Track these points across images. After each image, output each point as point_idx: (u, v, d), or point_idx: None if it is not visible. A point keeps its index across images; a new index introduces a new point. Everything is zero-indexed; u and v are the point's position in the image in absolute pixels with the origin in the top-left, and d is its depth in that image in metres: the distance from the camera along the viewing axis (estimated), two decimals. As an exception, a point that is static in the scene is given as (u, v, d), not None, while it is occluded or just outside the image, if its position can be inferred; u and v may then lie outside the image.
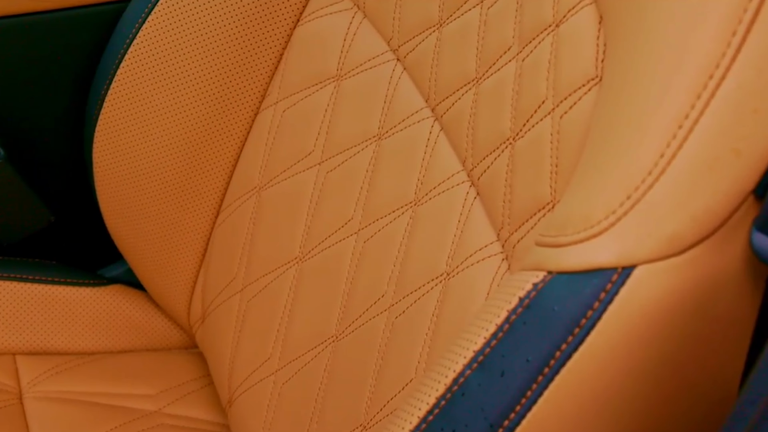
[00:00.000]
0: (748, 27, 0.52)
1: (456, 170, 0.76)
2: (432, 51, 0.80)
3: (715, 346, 0.56)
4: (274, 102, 0.93)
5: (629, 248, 0.53)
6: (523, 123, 0.69)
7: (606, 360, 0.54)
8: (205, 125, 0.94)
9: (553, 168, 0.65)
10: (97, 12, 0.98)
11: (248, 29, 0.92)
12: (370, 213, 0.82)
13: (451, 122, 0.77)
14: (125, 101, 0.95)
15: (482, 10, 0.75)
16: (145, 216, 0.98)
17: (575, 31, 0.65)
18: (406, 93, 0.82)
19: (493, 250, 0.71)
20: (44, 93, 1.01)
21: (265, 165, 0.92)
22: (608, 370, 0.54)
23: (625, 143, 0.55)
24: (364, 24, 0.87)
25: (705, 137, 0.52)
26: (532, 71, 0.69)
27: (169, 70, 0.93)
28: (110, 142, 0.96)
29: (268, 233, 0.91)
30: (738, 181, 0.52)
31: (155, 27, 0.93)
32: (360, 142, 0.85)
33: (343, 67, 0.88)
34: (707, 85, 0.52)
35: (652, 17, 0.56)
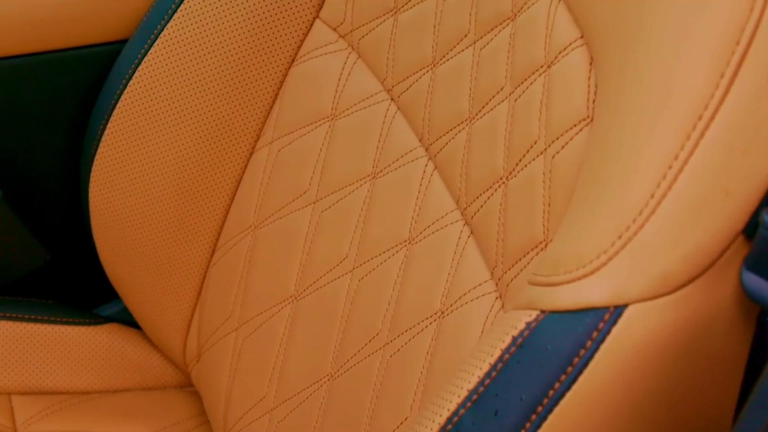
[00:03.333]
0: (736, 68, 0.52)
1: (450, 209, 0.76)
2: (425, 91, 0.80)
3: (708, 383, 0.56)
4: (269, 141, 0.93)
5: (621, 287, 0.53)
6: (515, 162, 0.70)
7: (599, 398, 0.54)
8: (200, 165, 0.95)
9: (546, 207, 0.66)
10: (93, 53, 0.98)
11: (244, 69, 0.93)
12: (365, 251, 0.83)
13: (444, 161, 0.78)
14: (121, 141, 0.95)
15: (475, 51, 0.76)
16: (141, 255, 0.98)
17: (567, 71, 0.66)
18: (400, 132, 0.83)
19: (487, 289, 0.71)
20: (41, 132, 1.01)
21: (261, 204, 0.93)
22: (601, 407, 0.54)
23: (616, 183, 0.55)
24: (358, 64, 0.88)
25: (695, 177, 0.53)
26: (525, 111, 0.70)
27: (165, 110, 0.94)
28: (106, 181, 0.97)
29: (264, 272, 0.92)
30: (728, 220, 0.53)
31: (151, 67, 0.94)
32: (354, 181, 0.85)
33: (337, 107, 0.88)
34: (696, 125, 0.53)
35: (642, 59, 0.57)
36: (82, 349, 1.01)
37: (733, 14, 0.52)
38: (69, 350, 1.01)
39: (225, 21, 0.92)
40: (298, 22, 0.91)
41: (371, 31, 0.86)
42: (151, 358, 1.03)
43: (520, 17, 0.72)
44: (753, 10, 0.52)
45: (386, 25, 0.85)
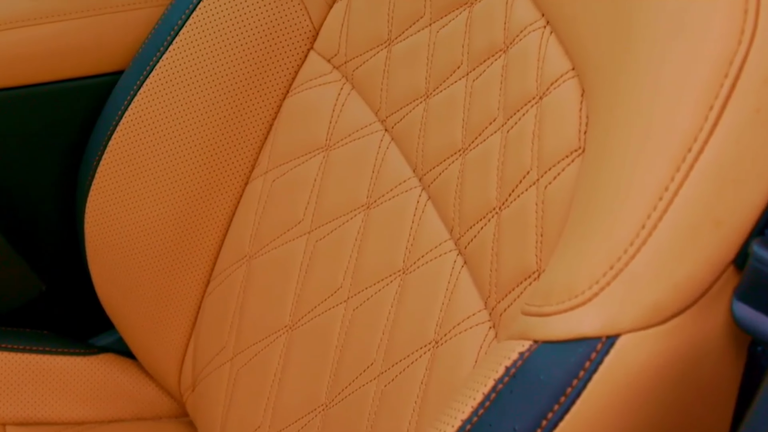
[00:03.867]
0: (725, 101, 0.53)
1: (443, 239, 0.77)
2: (419, 121, 0.81)
3: (700, 412, 0.57)
4: (263, 172, 0.94)
5: (613, 317, 0.54)
6: (508, 193, 0.70)
7: (592, 428, 0.54)
8: (196, 195, 0.95)
9: (539, 237, 0.66)
10: (90, 84, 0.99)
11: (238, 100, 0.93)
12: (359, 281, 0.83)
13: (438, 191, 0.78)
14: (117, 171, 0.96)
15: (468, 82, 0.77)
16: (136, 285, 0.98)
17: (558, 103, 0.67)
18: (394, 163, 0.83)
19: (480, 318, 0.71)
20: (37, 163, 1.02)
21: (256, 234, 0.93)
22: (594, 437, 0.54)
23: (607, 214, 0.56)
24: (352, 95, 0.88)
25: (685, 208, 0.53)
26: (517, 142, 0.70)
27: (160, 141, 0.95)
28: (102, 211, 0.97)
29: (259, 301, 0.92)
30: (719, 251, 0.53)
31: (147, 98, 0.94)
32: (349, 211, 0.86)
33: (331, 138, 0.89)
34: (686, 157, 0.53)
35: (632, 91, 0.57)
36: (77, 380, 1.01)
37: (721, 47, 0.53)
38: (64, 380, 1.01)
39: (220, 53, 0.92)
40: (292, 53, 0.92)
41: (365, 63, 0.87)
42: (146, 388, 1.03)
43: (512, 49, 0.72)
44: (741, 43, 0.53)
45: (380, 56, 0.85)
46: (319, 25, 0.91)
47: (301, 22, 0.91)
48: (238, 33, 0.92)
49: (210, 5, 0.93)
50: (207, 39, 0.93)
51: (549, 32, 0.69)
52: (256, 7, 0.91)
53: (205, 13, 0.93)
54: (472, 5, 0.77)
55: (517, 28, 0.72)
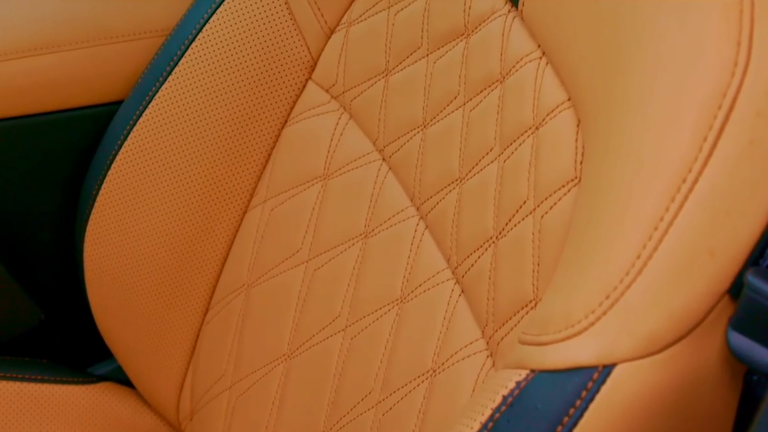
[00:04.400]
0: (719, 133, 0.53)
1: (441, 268, 0.77)
2: (416, 151, 0.81)
3: (696, 441, 0.57)
4: (262, 201, 0.94)
5: (609, 347, 0.54)
6: (505, 222, 0.71)
7: (589, 457, 0.54)
8: (194, 224, 0.96)
9: (535, 266, 0.67)
10: (89, 114, 0.99)
11: (237, 130, 0.94)
12: (357, 310, 0.83)
13: (435, 221, 0.78)
14: (116, 201, 0.96)
15: (464, 112, 0.77)
16: (135, 313, 0.99)
17: (555, 133, 0.67)
18: (392, 192, 0.84)
19: (478, 347, 0.72)
20: (36, 192, 1.02)
21: (254, 262, 0.94)
22: (592, 466, 0.55)
23: (603, 244, 0.56)
24: (350, 125, 0.89)
25: (680, 238, 0.54)
26: (514, 172, 0.71)
27: (160, 171, 0.95)
28: (101, 241, 0.97)
29: (257, 330, 0.92)
30: (713, 281, 0.53)
31: (146, 128, 0.95)
32: (347, 240, 0.86)
33: (329, 167, 0.89)
34: (681, 188, 0.54)
35: (627, 121, 0.58)
36: (76, 408, 1.01)
37: (715, 79, 0.54)
38: (63, 409, 1.01)
39: (219, 83, 0.93)
40: (291, 83, 0.92)
41: (363, 93, 0.87)
42: (144, 416, 1.03)
43: (508, 80, 0.73)
44: (734, 76, 0.53)
45: (377, 86, 0.86)
46: (317, 55, 0.91)
47: (299, 52, 0.92)
48: (238, 63, 0.92)
49: (209, 35, 0.93)
50: (206, 69, 0.93)
51: (545, 63, 0.70)
52: (255, 38, 0.92)
53: (204, 43, 0.93)
54: (469, 36, 0.78)
55: (513, 59, 0.72)
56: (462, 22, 0.78)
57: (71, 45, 0.97)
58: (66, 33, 0.97)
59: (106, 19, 0.99)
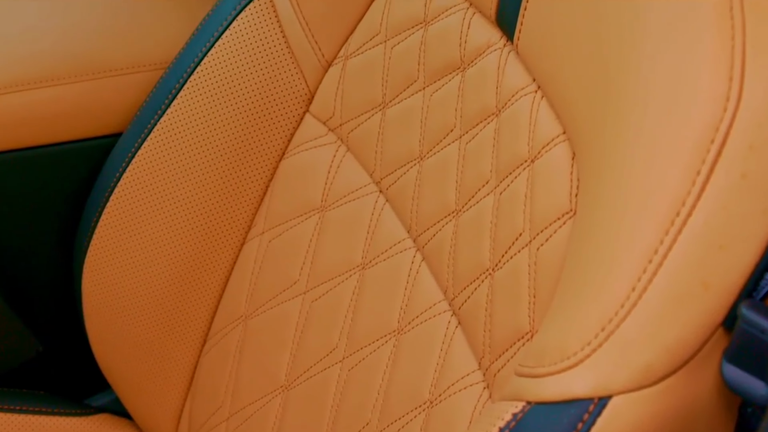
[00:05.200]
0: (712, 166, 0.54)
1: (438, 299, 0.78)
2: (413, 183, 0.82)
3: (692, 473, 0.57)
4: (260, 232, 0.95)
5: (605, 379, 0.54)
6: (501, 254, 0.71)
7: (585, 489, 0.55)
8: (192, 256, 0.96)
9: (531, 298, 0.67)
10: (87, 146, 1.00)
11: (235, 162, 0.94)
12: (355, 341, 0.84)
13: (432, 252, 0.79)
14: (114, 233, 0.97)
15: (461, 145, 0.78)
16: (133, 345, 0.99)
17: (550, 166, 0.68)
18: (389, 224, 0.84)
19: (474, 379, 0.72)
20: (35, 224, 1.02)
21: (251, 294, 0.94)
22: (588, 498, 0.55)
23: (598, 276, 0.57)
24: (347, 157, 0.89)
25: (674, 271, 0.54)
26: (510, 204, 0.71)
27: (157, 203, 0.95)
28: (99, 272, 0.98)
29: (255, 361, 0.92)
30: (708, 313, 0.54)
31: (145, 161, 0.95)
32: (344, 272, 0.87)
33: (327, 199, 0.90)
34: (675, 221, 0.54)
35: (621, 155, 0.58)
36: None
37: (708, 114, 0.54)
38: (60, 441, 1.01)
39: (218, 115, 0.94)
40: (289, 116, 0.93)
41: (360, 125, 0.88)
42: (142, 448, 1.03)
43: (504, 113, 0.74)
44: (726, 111, 0.54)
45: (374, 119, 0.87)
46: (314, 88, 0.92)
47: (297, 85, 0.92)
48: (236, 96, 0.93)
49: (207, 68, 0.94)
50: (204, 102, 0.94)
51: (540, 96, 0.70)
52: (253, 71, 0.93)
53: (202, 77, 0.94)
54: (465, 70, 0.78)
55: (509, 92, 0.73)
56: (458, 55, 0.79)
57: (70, 78, 0.98)
58: (65, 66, 0.98)
59: (105, 53, 1.00)
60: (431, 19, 0.81)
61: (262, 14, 0.93)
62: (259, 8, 0.93)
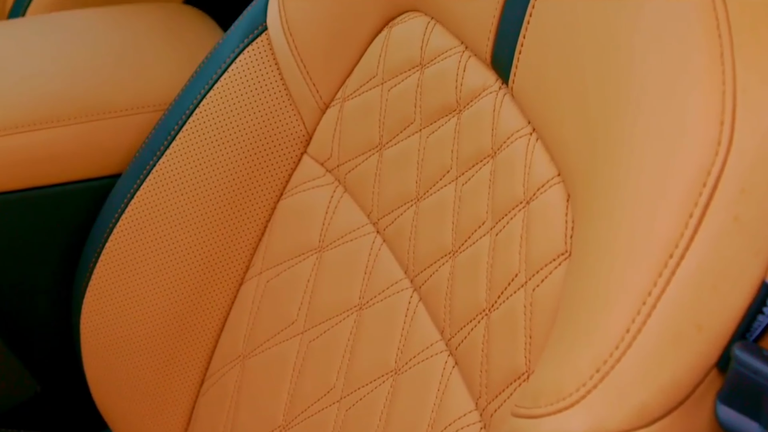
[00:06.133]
0: (704, 209, 0.55)
1: (435, 340, 0.78)
2: (410, 224, 0.83)
3: None
4: (258, 272, 0.95)
5: (600, 420, 0.55)
6: (497, 295, 0.71)
7: None
8: (190, 296, 0.96)
9: (527, 339, 0.68)
10: (86, 188, 1.00)
11: (234, 203, 0.95)
12: (352, 381, 0.84)
13: (429, 293, 0.79)
14: (112, 274, 0.97)
15: (457, 187, 0.78)
16: (131, 385, 0.99)
17: (545, 207, 0.68)
18: (386, 264, 0.85)
19: (471, 419, 0.72)
20: (33, 265, 1.03)
21: (249, 334, 0.94)
22: None
23: (593, 318, 0.57)
24: (344, 198, 0.90)
25: (668, 313, 0.55)
26: (505, 245, 0.72)
27: (156, 244, 0.96)
28: (97, 313, 0.98)
29: (252, 401, 0.92)
30: (701, 354, 0.54)
31: (143, 202, 0.96)
32: (341, 312, 0.87)
33: (324, 239, 0.90)
34: (668, 263, 0.55)
35: (615, 198, 0.59)
36: (71, 481, 1.01)
37: (700, 158, 0.55)
38: (58, 482, 1.01)
39: (216, 157, 0.94)
40: (287, 157, 0.94)
41: (357, 167, 0.89)
42: (139, 488, 1.03)
43: (499, 155, 0.74)
44: (718, 154, 0.55)
45: (372, 160, 0.87)
46: (312, 129, 0.93)
47: (295, 127, 0.93)
48: (234, 138, 0.94)
49: (206, 110, 0.95)
50: (203, 144, 0.94)
51: (535, 139, 0.71)
52: (251, 113, 0.93)
53: (201, 118, 0.95)
54: (461, 112, 0.79)
55: (504, 134, 0.74)
56: (454, 98, 0.80)
57: (70, 120, 0.99)
58: (65, 108, 0.99)
59: (105, 94, 1.00)
60: (427, 61, 0.82)
61: (260, 57, 0.94)
62: (258, 51, 0.94)
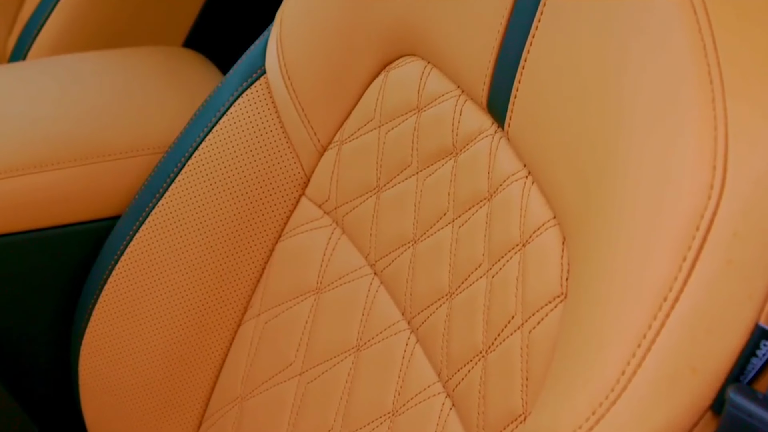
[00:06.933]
0: (697, 253, 0.55)
1: (432, 381, 0.78)
2: (407, 266, 0.83)
3: None
4: (256, 314, 0.95)
5: (596, 462, 0.55)
6: (494, 337, 0.72)
7: None
8: (189, 338, 0.97)
9: (524, 381, 0.68)
10: (85, 230, 1.00)
11: (232, 245, 0.95)
12: (350, 423, 0.84)
13: (426, 334, 0.80)
14: (111, 316, 0.97)
15: (454, 229, 0.79)
16: (129, 427, 0.99)
17: (541, 250, 0.69)
18: (383, 306, 0.85)
19: (469, 461, 0.73)
20: (32, 306, 1.03)
21: (247, 375, 0.94)
22: None
23: (588, 360, 0.57)
24: (342, 240, 0.91)
25: (663, 356, 0.55)
26: (502, 287, 0.72)
27: (155, 286, 0.96)
28: (95, 355, 0.98)
29: (250, 443, 0.93)
30: (696, 397, 0.55)
31: (142, 244, 0.96)
32: (339, 354, 0.87)
33: (322, 281, 0.91)
34: (662, 306, 0.55)
35: (610, 241, 0.59)
36: None
37: (693, 203, 0.56)
38: None
39: (215, 199, 0.95)
40: (285, 199, 0.94)
41: (355, 209, 0.89)
42: None
43: (496, 198, 0.75)
44: (711, 199, 0.55)
45: (369, 203, 0.88)
46: (310, 172, 0.93)
47: (293, 169, 0.94)
48: (233, 180, 0.94)
49: (205, 153, 0.95)
50: (202, 186, 0.95)
51: (531, 182, 0.72)
52: (250, 156, 0.94)
53: (200, 161, 0.95)
54: (457, 155, 0.80)
55: (500, 177, 0.75)
56: (450, 141, 0.80)
57: (69, 163, 0.99)
58: (65, 151, 0.99)
59: (105, 137, 1.01)
60: (424, 105, 0.83)
61: (259, 100, 0.94)
62: (257, 94, 0.94)
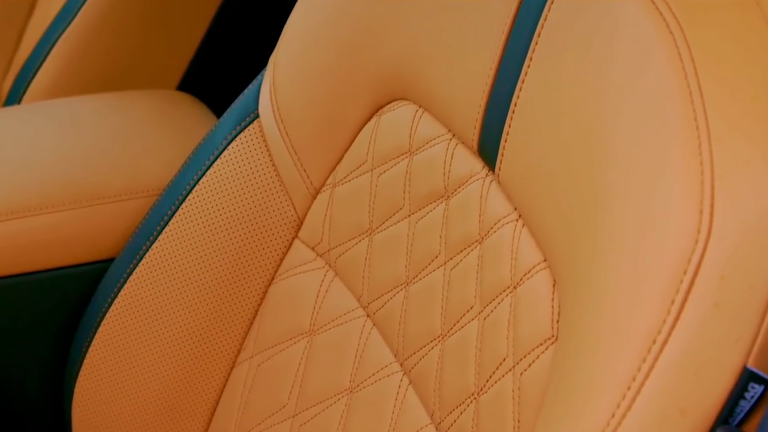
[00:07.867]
0: (685, 296, 0.56)
1: (424, 423, 0.78)
2: (400, 308, 0.83)
3: None
4: (249, 356, 0.96)
5: (587, 505, 0.55)
6: (486, 379, 0.72)
7: None
8: (182, 380, 0.97)
9: (516, 423, 0.68)
10: (79, 272, 1.01)
11: (226, 287, 0.96)
12: (343, 465, 0.84)
13: (419, 376, 0.80)
14: (105, 359, 0.97)
15: (445, 271, 0.80)
16: (122, 469, 0.99)
17: (532, 293, 0.69)
18: (376, 348, 0.85)
19: (461, 503, 0.73)
20: (26, 348, 1.03)
21: (241, 418, 0.95)
22: None
23: (578, 404, 0.58)
24: (335, 282, 0.91)
25: (652, 399, 0.55)
26: (493, 329, 0.73)
27: (149, 329, 0.96)
28: (89, 397, 0.98)
29: (243, 486, 0.93)
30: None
31: (136, 287, 0.96)
32: (332, 395, 0.87)
33: (315, 323, 0.91)
34: (651, 349, 0.56)
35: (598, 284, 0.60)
36: None
37: (680, 246, 0.56)
38: None
39: (208, 242, 0.95)
40: (278, 242, 0.95)
41: (347, 251, 0.90)
42: None
43: (487, 241, 0.75)
44: (698, 242, 0.56)
45: (362, 245, 0.88)
46: (303, 214, 0.94)
47: (286, 212, 0.94)
48: (227, 222, 0.95)
49: (199, 196, 0.96)
50: (196, 228, 0.95)
51: (521, 225, 0.72)
52: (243, 199, 0.95)
53: (194, 204, 0.96)
54: (449, 198, 0.80)
55: (491, 220, 0.75)
56: (442, 184, 0.81)
57: (64, 205, 1.00)
58: (60, 194, 1.00)
59: (100, 180, 1.02)
60: (416, 149, 0.84)
61: (252, 143, 0.95)
62: (250, 137, 0.95)
